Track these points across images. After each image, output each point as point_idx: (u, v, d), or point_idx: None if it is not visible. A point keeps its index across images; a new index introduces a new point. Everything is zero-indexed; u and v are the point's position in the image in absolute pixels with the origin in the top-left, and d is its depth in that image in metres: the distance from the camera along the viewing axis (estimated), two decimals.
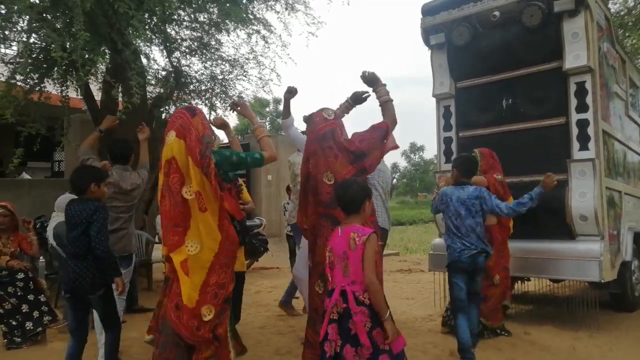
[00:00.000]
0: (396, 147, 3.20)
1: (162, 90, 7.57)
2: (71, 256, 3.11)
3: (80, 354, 3.19)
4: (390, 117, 3.21)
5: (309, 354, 3.02)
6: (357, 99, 3.68)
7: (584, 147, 4.60)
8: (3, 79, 5.84)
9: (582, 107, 4.65)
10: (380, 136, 3.09)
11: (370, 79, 3.36)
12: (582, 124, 4.63)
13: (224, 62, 7.68)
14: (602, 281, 4.34)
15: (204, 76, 7.70)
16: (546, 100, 4.91)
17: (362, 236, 2.43)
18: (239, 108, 3.48)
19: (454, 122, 5.57)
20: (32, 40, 5.73)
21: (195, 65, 7.74)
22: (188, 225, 2.63)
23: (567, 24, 4.67)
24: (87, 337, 3.23)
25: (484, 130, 5.28)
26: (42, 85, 6.11)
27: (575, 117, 4.67)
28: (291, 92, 3.99)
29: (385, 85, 3.31)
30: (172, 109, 7.98)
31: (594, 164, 4.49)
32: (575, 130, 4.66)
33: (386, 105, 3.24)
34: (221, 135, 4.16)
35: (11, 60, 6.34)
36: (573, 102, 4.69)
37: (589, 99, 4.62)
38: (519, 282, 5.83)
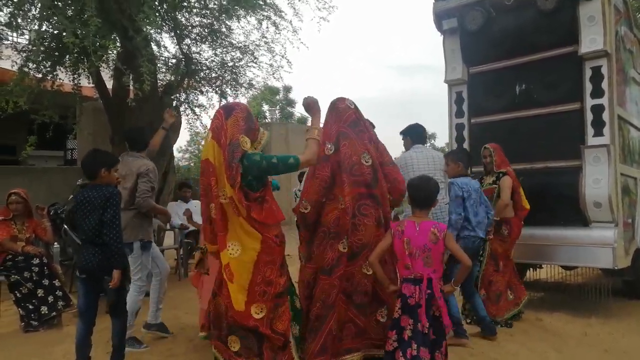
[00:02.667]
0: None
1: (172, 78, 7.58)
2: (87, 241, 3.13)
3: (89, 336, 3.22)
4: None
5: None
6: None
7: (598, 133, 4.53)
8: (16, 67, 5.87)
9: (597, 93, 4.57)
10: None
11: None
12: (597, 110, 4.56)
13: (234, 49, 7.65)
14: (616, 268, 4.31)
15: (214, 63, 7.68)
16: (560, 85, 4.84)
17: (442, 232, 2.76)
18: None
19: (466, 108, 5.51)
20: (44, 28, 5.76)
21: (205, 52, 7.71)
22: (227, 227, 2.62)
23: (584, 7, 4.58)
24: (95, 320, 3.26)
25: (497, 116, 5.22)
26: (54, 73, 6.15)
27: (590, 102, 4.60)
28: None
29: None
30: (183, 96, 8.00)
31: (609, 150, 4.43)
32: (590, 116, 4.59)
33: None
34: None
35: (24, 49, 6.38)
36: (588, 87, 4.62)
37: (604, 84, 4.54)
38: (531, 269, 5.80)
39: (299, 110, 27.02)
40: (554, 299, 5.41)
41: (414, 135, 4.23)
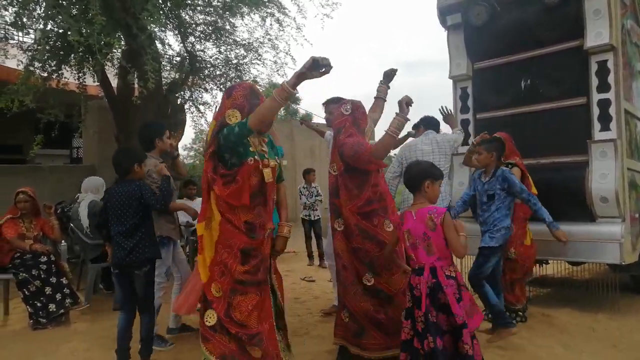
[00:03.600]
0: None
1: (177, 76, 7.60)
2: (121, 234, 3.24)
3: (130, 326, 3.34)
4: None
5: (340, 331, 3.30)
6: (389, 76, 3.82)
7: (605, 127, 4.50)
8: (22, 67, 5.91)
9: (603, 87, 4.53)
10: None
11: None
12: (604, 104, 4.53)
13: (238, 47, 7.67)
14: (623, 264, 4.28)
15: (218, 61, 7.71)
16: (566, 80, 4.80)
17: (439, 216, 2.65)
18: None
19: (471, 104, 5.48)
20: (49, 27, 5.79)
21: (209, 50, 7.74)
22: (208, 200, 2.70)
23: (589, 0, 4.54)
24: (135, 310, 3.34)
25: (502, 111, 5.20)
26: (59, 71, 6.19)
27: (596, 97, 4.56)
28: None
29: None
30: (187, 94, 8.02)
31: (616, 145, 4.40)
32: (596, 111, 4.55)
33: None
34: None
35: (29, 48, 6.41)
36: (594, 81, 4.58)
37: (610, 79, 4.50)
38: (538, 265, 5.78)
39: (303, 107, 27.04)
40: (561, 294, 5.39)
41: (425, 122, 4.65)
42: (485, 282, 3.79)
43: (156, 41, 6.40)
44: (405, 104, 3.11)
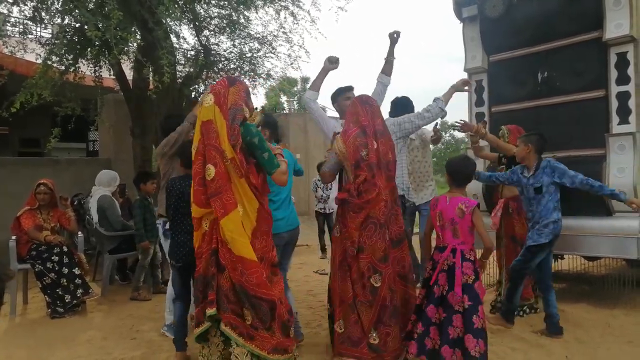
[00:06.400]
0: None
1: (191, 69, 7.64)
2: (186, 232, 3.16)
3: (187, 313, 3.43)
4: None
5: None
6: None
7: (624, 120, 4.42)
8: (40, 60, 5.99)
9: (623, 79, 4.45)
10: None
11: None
12: (623, 97, 4.44)
13: (252, 40, 7.69)
14: None
15: (232, 54, 7.74)
16: (584, 72, 4.73)
17: (469, 207, 2.99)
18: None
19: (487, 97, 5.43)
20: (66, 21, 5.86)
21: (224, 44, 7.77)
22: (230, 189, 2.65)
23: None
24: (190, 300, 3.35)
25: (518, 104, 5.14)
26: (76, 65, 6.26)
27: (615, 89, 4.48)
28: (332, 62, 3.93)
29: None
30: (202, 88, 8.06)
31: (635, 138, 4.32)
32: (615, 103, 4.48)
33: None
34: None
35: (47, 42, 6.50)
36: (613, 74, 4.50)
37: (630, 71, 4.41)
38: (552, 260, 5.72)
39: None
40: (576, 290, 5.34)
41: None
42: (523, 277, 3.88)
43: (171, 35, 6.44)
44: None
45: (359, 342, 3.01)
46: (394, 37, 4.18)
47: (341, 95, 3.92)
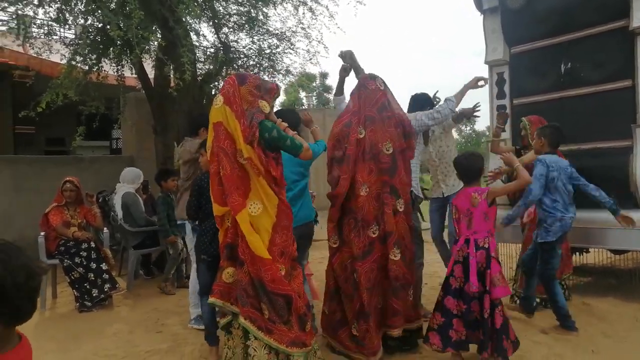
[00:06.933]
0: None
1: (211, 67, 7.70)
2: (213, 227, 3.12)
3: (214, 307, 3.41)
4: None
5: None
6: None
7: None
8: (65, 61, 6.12)
9: None
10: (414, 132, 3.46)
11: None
12: None
13: (271, 36, 7.71)
14: None
15: (251, 51, 7.77)
16: (609, 63, 4.62)
17: (482, 193, 3.05)
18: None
19: (508, 89, 5.35)
20: (89, 21, 5.97)
21: (242, 41, 7.81)
22: (248, 187, 2.68)
23: None
24: None
25: (541, 96, 5.05)
26: (99, 65, 6.37)
27: None
28: (346, 70, 3.94)
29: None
30: (222, 84, 8.13)
31: None
32: None
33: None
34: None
35: (71, 42, 6.63)
36: None
37: None
38: (577, 253, 5.63)
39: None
40: (602, 283, 5.24)
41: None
42: (532, 268, 3.82)
43: (191, 33, 6.50)
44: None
45: (338, 329, 3.20)
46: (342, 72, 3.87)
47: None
